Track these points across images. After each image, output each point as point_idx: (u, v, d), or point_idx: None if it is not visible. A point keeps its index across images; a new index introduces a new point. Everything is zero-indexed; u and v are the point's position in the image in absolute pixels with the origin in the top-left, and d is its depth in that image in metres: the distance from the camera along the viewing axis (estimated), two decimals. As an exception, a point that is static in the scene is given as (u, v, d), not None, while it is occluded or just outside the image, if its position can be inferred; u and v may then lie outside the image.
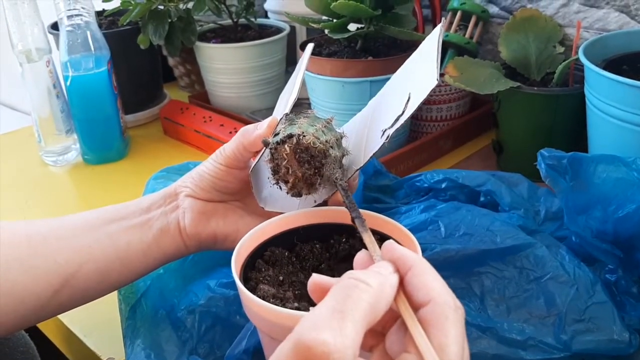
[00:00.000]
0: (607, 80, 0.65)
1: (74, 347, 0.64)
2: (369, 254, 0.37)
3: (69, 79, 0.93)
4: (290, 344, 0.28)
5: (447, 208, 0.60)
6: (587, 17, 0.88)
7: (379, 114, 0.52)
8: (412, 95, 0.47)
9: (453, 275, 0.54)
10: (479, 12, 0.94)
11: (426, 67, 0.47)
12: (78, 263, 0.50)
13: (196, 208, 0.54)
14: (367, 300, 0.31)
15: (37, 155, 1.01)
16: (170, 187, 0.56)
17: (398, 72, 0.56)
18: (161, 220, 0.54)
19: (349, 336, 0.29)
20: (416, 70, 0.51)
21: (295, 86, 0.54)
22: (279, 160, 0.46)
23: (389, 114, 0.49)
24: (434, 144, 0.90)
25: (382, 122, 0.49)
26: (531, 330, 0.49)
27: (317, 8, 0.82)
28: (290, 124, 0.48)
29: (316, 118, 0.49)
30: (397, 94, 0.51)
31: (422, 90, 0.45)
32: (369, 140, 0.50)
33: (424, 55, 0.51)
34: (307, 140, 0.45)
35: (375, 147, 0.47)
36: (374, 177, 0.72)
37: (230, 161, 0.53)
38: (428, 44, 0.51)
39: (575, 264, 0.53)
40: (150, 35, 1.01)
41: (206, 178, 0.54)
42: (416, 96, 0.46)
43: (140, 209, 0.54)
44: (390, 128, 0.47)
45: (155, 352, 0.50)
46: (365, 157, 0.48)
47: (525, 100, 0.78)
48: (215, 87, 1.10)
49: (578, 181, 0.56)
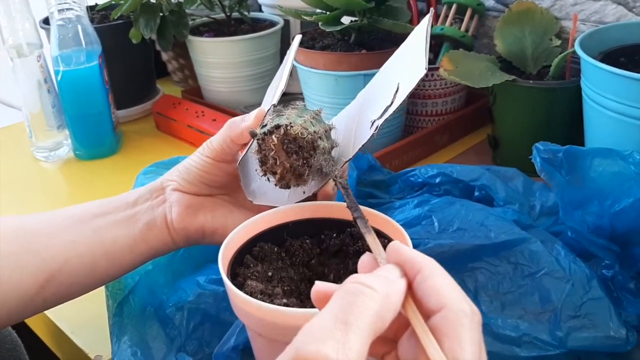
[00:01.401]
0: (604, 73, 0.64)
1: (62, 344, 0.63)
2: (373, 256, 0.34)
3: (60, 74, 0.91)
4: (289, 357, 0.26)
5: (441, 203, 0.59)
6: (583, 9, 0.87)
7: (368, 106, 0.51)
8: (400, 86, 0.46)
9: (446, 270, 0.53)
10: (475, 5, 0.93)
11: (415, 57, 0.46)
12: (63, 259, 0.49)
13: (183, 202, 0.53)
14: (373, 308, 0.28)
15: (29, 151, 1.00)
16: (157, 181, 0.55)
17: (387, 63, 0.55)
18: (148, 214, 0.53)
19: (354, 349, 0.27)
20: (405, 60, 0.50)
21: (283, 77, 0.53)
22: (267, 152, 0.46)
23: (377, 105, 0.48)
24: (429, 139, 0.89)
25: (371, 113, 0.48)
26: (526, 326, 0.49)
27: (310, 1, 0.81)
28: (277, 115, 0.47)
29: (305, 109, 0.48)
30: (386, 85, 0.50)
31: (410, 80, 0.44)
32: (358, 132, 0.49)
33: (412, 45, 0.50)
34: (295, 131, 0.44)
35: (364, 138, 0.46)
36: (368, 172, 0.71)
37: (217, 154, 0.52)
38: (416, 35, 0.50)
39: (570, 260, 0.52)
40: (141, 29, 1.00)
41: (193, 171, 0.53)
42: (405, 86, 0.45)
43: (127, 203, 0.53)
44: (379, 119, 0.46)
45: (142, 349, 0.49)
46: (355, 149, 0.47)
47: (521, 93, 0.77)
48: (208, 81, 1.09)
49: (574, 175, 0.55)
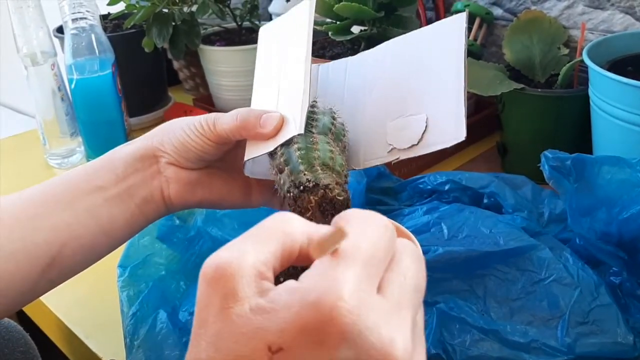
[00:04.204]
0: (612, 82, 0.64)
1: (75, 349, 0.64)
2: None
3: (74, 82, 0.93)
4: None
5: (450, 210, 0.60)
6: (591, 18, 0.87)
7: (381, 103, 0.51)
8: (429, 127, 0.47)
9: (455, 277, 0.54)
10: (483, 14, 0.94)
11: (450, 97, 0.47)
12: (60, 242, 0.48)
13: (182, 179, 0.52)
14: (275, 226, 0.29)
15: (42, 158, 1.01)
16: (146, 147, 0.52)
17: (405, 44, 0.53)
18: (143, 189, 0.51)
19: (248, 251, 0.28)
20: (435, 74, 0.50)
21: (305, 85, 0.49)
22: (303, 210, 0.45)
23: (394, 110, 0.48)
24: (438, 147, 0.89)
25: (385, 116, 0.49)
26: (534, 332, 0.49)
27: (320, 10, 0.82)
28: (305, 142, 0.47)
29: (325, 123, 0.49)
30: (408, 87, 0.50)
31: (443, 136, 0.46)
32: (370, 140, 0.50)
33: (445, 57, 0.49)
34: (333, 193, 0.45)
35: (377, 157, 0.47)
36: (377, 179, 0.72)
37: (221, 139, 0.51)
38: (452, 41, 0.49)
39: (579, 266, 0.52)
40: (154, 38, 1.01)
41: (192, 151, 0.51)
42: (434, 137, 0.46)
43: (116, 176, 0.50)
44: (401, 151, 0.46)
45: (155, 354, 0.50)
46: (365, 162, 0.48)
47: (529, 102, 0.77)
48: (219, 89, 1.10)
49: (582, 183, 0.55)
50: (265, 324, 0.26)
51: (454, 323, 0.50)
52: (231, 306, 0.27)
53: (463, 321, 0.50)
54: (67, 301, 0.66)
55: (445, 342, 0.49)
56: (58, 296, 0.54)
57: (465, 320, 0.50)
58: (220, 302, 0.27)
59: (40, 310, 0.68)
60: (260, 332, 0.26)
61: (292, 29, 0.53)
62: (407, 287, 0.28)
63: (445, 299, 0.52)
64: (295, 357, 0.26)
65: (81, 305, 0.66)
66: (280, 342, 0.26)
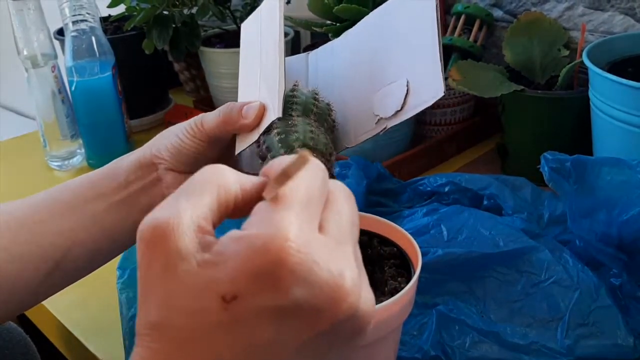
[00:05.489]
0: (612, 83, 0.64)
1: (75, 350, 0.64)
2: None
3: (74, 84, 0.93)
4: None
5: (450, 211, 0.60)
6: (591, 20, 0.87)
7: (365, 77, 0.51)
8: (410, 90, 0.46)
9: (455, 278, 0.54)
10: (483, 15, 0.94)
11: (427, 58, 0.47)
12: (65, 247, 0.49)
13: (181, 183, 0.52)
14: (206, 177, 0.29)
15: (43, 160, 1.01)
16: (145, 155, 0.53)
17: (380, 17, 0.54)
18: (145, 196, 0.52)
19: (184, 207, 0.28)
20: (410, 40, 0.49)
21: (280, 79, 0.49)
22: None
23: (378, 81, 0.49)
24: (437, 148, 0.89)
25: (371, 89, 0.49)
26: (534, 334, 0.49)
27: (320, 12, 0.82)
28: (285, 126, 0.47)
29: (306, 103, 0.48)
30: (387, 57, 0.50)
31: (423, 95, 0.45)
32: (359, 115, 0.50)
33: (418, 22, 0.49)
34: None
35: (367, 130, 0.47)
36: (377, 181, 0.72)
37: (210, 138, 0.51)
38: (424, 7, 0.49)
39: (578, 268, 0.52)
40: (154, 40, 1.01)
41: (187, 154, 0.52)
42: (416, 99, 0.46)
43: (119, 184, 0.52)
44: (387, 120, 0.47)
45: (155, 355, 0.50)
46: (356, 138, 0.48)
47: (529, 103, 0.77)
48: (219, 91, 1.10)
49: (582, 184, 0.55)
50: (215, 276, 0.26)
51: (454, 325, 0.50)
52: (177, 265, 0.27)
53: (463, 323, 0.50)
54: (67, 303, 0.66)
55: (444, 344, 0.49)
56: (58, 298, 0.54)
57: (464, 322, 0.50)
58: (164, 262, 0.27)
59: (40, 312, 0.68)
60: (212, 284, 0.26)
61: (267, 19, 0.54)
62: (344, 223, 0.29)
63: (445, 300, 0.52)
64: (249, 303, 0.26)
65: (81, 307, 0.66)
66: (233, 290, 0.26)
